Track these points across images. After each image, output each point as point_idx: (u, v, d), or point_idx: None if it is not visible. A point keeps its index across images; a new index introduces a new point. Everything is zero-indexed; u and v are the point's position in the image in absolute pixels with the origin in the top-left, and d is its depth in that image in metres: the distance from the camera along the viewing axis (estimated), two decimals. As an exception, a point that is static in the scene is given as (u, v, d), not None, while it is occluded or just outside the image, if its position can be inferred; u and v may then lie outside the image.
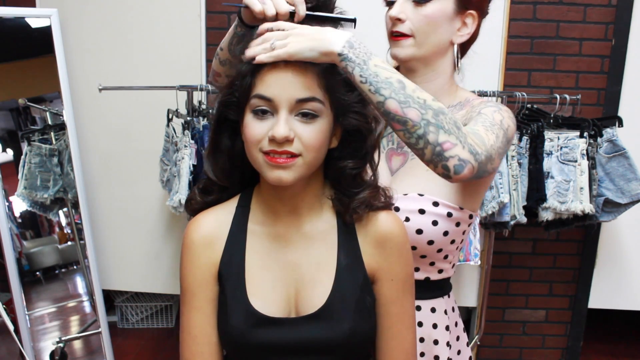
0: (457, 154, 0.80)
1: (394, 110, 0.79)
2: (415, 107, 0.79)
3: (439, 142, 0.80)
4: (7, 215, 2.18)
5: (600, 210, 2.02)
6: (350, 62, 0.77)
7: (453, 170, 0.81)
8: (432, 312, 1.05)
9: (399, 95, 0.79)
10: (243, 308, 0.81)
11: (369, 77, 0.78)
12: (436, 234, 0.97)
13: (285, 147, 0.74)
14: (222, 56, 1.02)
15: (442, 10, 0.97)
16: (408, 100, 0.79)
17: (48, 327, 2.38)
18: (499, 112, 0.96)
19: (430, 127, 0.79)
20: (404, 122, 0.80)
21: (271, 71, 0.75)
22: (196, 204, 0.89)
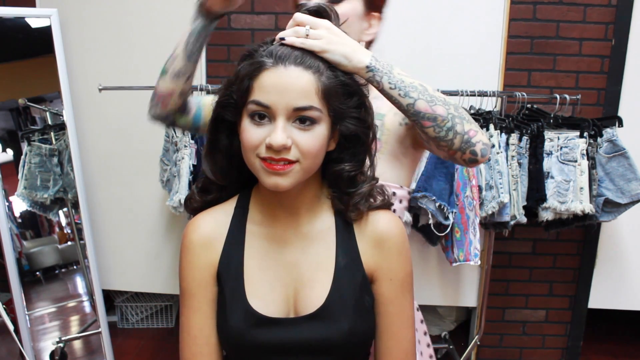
0: (481, 140, 0.91)
1: (424, 109, 0.87)
2: (440, 104, 0.88)
3: (465, 131, 0.89)
4: (7, 215, 2.18)
5: (600, 210, 2.02)
6: (378, 72, 0.85)
7: (480, 154, 0.91)
8: None
9: (425, 96, 0.87)
10: (242, 308, 0.81)
11: (397, 84, 0.86)
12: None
13: (283, 155, 0.74)
14: (176, 66, 1.00)
15: (354, 10, 1.05)
16: (433, 99, 0.88)
17: (48, 327, 2.38)
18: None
19: (456, 119, 0.89)
20: (434, 118, 0.88)
21: (270, 77, 0.74)
22: (195, 203, 0.89)
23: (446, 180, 1.88)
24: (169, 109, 1.05)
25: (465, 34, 2.24)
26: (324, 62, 0.78)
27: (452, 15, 2.25)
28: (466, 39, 2.24)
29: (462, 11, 2.25)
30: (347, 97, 0.79)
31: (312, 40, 0.78)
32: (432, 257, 2.40)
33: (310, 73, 0.75)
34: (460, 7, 2.25)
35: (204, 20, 0.93)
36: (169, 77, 1.01)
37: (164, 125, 1.13)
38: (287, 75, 0.74)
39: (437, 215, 1.86)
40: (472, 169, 1.93)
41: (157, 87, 1.04)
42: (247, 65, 0.77)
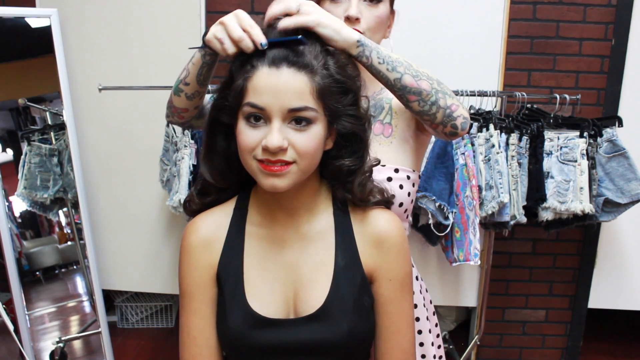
0: (462, 114, 0.96)
1: (409, 83, 0.91)
2: (424, 79, 0.92)
3: (447, 105, 0.94)
4: (7, 215, 2.18)
5: (600, 210, 2.02)
6: (367, 47, 0.88)
7: (460, 127, 0.96)
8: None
9: (411, 71, 0.91)
10: (242, 309, 0.81)
11: (385, 58, 0.90)
12: (404, 196, 1.09)
13: (279, 156, 0.74)
14: (189, 91, 1.01)
15: (386, 11, 1.10)
16: (418, 74, 0.92)
17: (48, 327, 2.38)
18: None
19: (439, 94, 0.93)
20: (419, 92, 0.92)
21: (263, 78, 0.74)
22: (194, 205, 0.89)
23: (446, 180, 1.88)
24: (185, 119, 1.09)
25: (465, 34, 2.24)
26: (317, 61, 0.76)
27: (452, 16, 2.25)
28: (466, 39, 2.24)
29: (462, 11, 2.25)
30: (342, 95, 0.79)
31: (304, 15, 0.79)
32: (432, 257, 2.40)
33: (304, 73, 0.74)
34: (460, 7, 2.24)
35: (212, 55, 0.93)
36: (184, 97, 1.03)
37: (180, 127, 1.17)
38: (281, 76, 0.73)
39: (437, 215, 1.86)
40: (472, 169, 1.93)
41: (172, 102, 1.05)
42: (241, 67, 0.76)
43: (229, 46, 0.79)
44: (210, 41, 0.82)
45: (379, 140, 1.10)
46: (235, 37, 0.78)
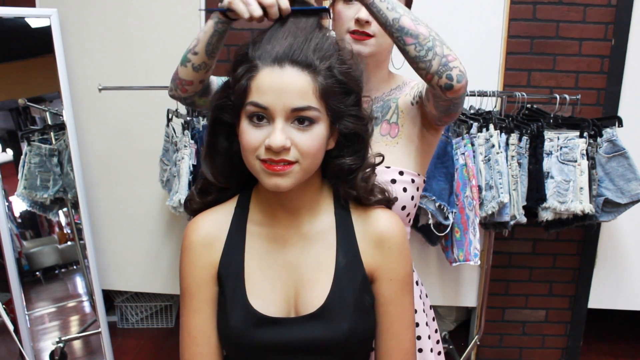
0: (458, 66, 0.92)
1: (408, 25, 0.90)
2: (423, 24, 0.92)
3: (444, 54, 0.91)
4: (7, 215, 2.18)
5: (600, 210, 2.02)
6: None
7: (456, 79, 0.92)
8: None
9: (410, 15, 0.91)
10: (243, 308, 0.81)
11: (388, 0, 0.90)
12: (407, 199, 1.09)
13: (282, 156, 0.74)
14: (197, 61, 1.01)
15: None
16: (417, 19, 0.91)
17: (48, 327, 2.38)
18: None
19: (436, 41, 0.91)
20: (417, 35, 0.90)
21: (266, 77, 0.74)
22: (195, 204, 0.89)
23: (446, 180, 1.88)
24: (188, 94, 1.08)
25: (465, 34, 2.24)
26: (321, 60, 0.76)
27: (452, 15, 2.25)
28: (466, 39, 2.24)
29: (462, 11, 2.25)
30: (344, 95, 0.79)
31: None
32: (432, 257, 2.40)
33: (307, 73, 0.74)
34: (460, 7, 2.25)
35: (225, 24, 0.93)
36: (190, 68, 1.02)
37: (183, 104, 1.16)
38: (284, 75, 0.74)
39: (437, 215, 1.86)
40: (472, 169, 1.93)
41: (178, 73, 1.05)
42: (244, 66, 0.76)
43: (256, 8, 0.81)
44: (233, 3, 0.83)
45: (385, 141, 1.11)
46: (267, 3, 0.80)
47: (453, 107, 1.00)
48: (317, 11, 0.83)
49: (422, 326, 1.15)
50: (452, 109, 1.01)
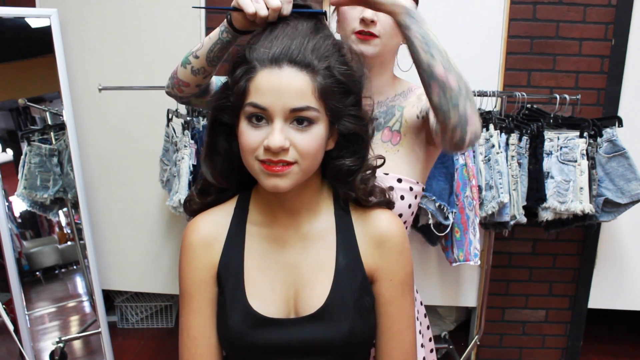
0: (476, 128, 0.90)
1: (438, 73, 0.87)
2: (454, 75, 0.87)
3: (467, 114, 0.88)
4: (7, 215, 2.18)
5: (600, 210, 2.02)
6: (413, 19, 0.86)
7: (468, 141, 0.90)
8: None
9: (444, 61, 0.87)
10: (242, 309, 0.81)
11: (425, 36, 0.86)
12: (404, 207, 1.07)
13: (281, 157, 0.74)
14: (196, 65, 1.01)
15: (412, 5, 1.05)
16: (450, 67, 0.87)
17: (48, 327, 2.38)
18: None
19: (461, 96, 0.87)
20: (444, 86, 0.87)
21: (265, 78, 0.74)
22: (195, 205, 0.89)
23: (446, 180, 1.88)
24: (184, 94, 1.08)
25: (465, 34, 2.24)
26: (319, 60, 0.76)
27: (452, 16, 2.25)
28: (466, 39, 2.24)
29: (462, 11, 2.25)
30: (343, 95, 0.79)
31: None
32: (432, 257, 2.40)
33: (306, 73, 0.74)
34: (460, 7, 2.25)
35: (232, 34, 0.93)
36: (189, 71, 1.02)
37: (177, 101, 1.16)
38: (283, 76, 0.73)
39: (437, 215, 1.86)
40: (472, 169, 1.93)
41: (177, 73, 1.05)
42: (242, 67, 0.76)
43: (263, 7, 0.81)
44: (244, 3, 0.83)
45: (386, 147, 1.09)
46: (274, 5, 0.80)
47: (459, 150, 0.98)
48: (314, 14, 0.83)
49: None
50: (458, 150, 0.99)
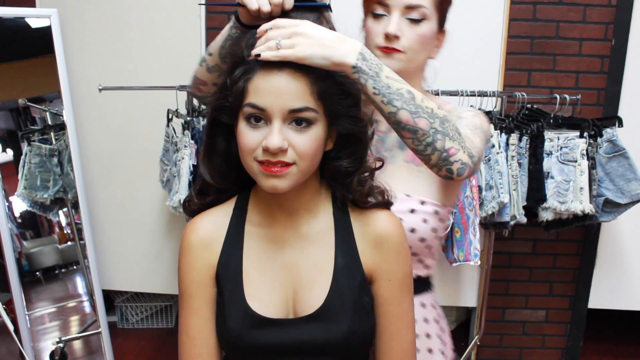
0: (460, 159, 0.89)
1: (405, 120, 0.85)
2: (425, 116, 0.85)
3: (445, 149, 0.87)
4: (7, 215, 2.18)
5: (600, 210, 2.02)
6: (363, 75, 0.81)
7: (457, 173, 0.90)
8: (422, 307, 1.09)
9: (410, 106, 0.84)
10: (241, 309, 0.81)
11: (381, 89, 0.83)
12: (426, 231, 1.03)
13: (280, 157, 0.74)
14: (210, 62, 1.01)
15: (431, 30, 1.04)
16: (418, 110, 0.85)
17: (48, 327, 2.38)
18: (477, 116, 1.04)
19: (438, 135, 0.86)
20: (415, 131, 0.86)
21: (264, 78, 0.74)
22: (194, 206, 0.89)
23: (446, 180, 1.88)
24: (203, 93, 1.08)
25: (465, 34, 2.24)
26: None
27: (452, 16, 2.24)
28: (466, 39, 2.24)
29: (462, 11, 2.23)
30: (342, 96, 0.79)
31: (285, 50, 0.73)
32: (432, 257, 2.39)
33: (305, 74, 0.75)
34: (460, 7, 2.24)
35: (240, 29, 0.93)
36: (205, 68, 1.03)
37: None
38: (282, 77, 0.74)
39: (437, 215, 1.85)
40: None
41: (196, 71, 1.06)
42: (241, 68, 0.76)
43: (265, 3, 0.81)
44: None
45: (409, 168, 1.06)
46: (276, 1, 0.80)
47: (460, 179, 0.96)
48: (317, 7, 0.83)
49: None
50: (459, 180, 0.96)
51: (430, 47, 1.06)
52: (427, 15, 1.02)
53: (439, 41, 1.09)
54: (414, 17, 1.01)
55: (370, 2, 1.04)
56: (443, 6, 1.05)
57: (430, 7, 1.02)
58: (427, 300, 1.10)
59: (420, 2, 1.01)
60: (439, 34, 1.08)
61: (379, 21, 1.03)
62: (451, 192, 1.08)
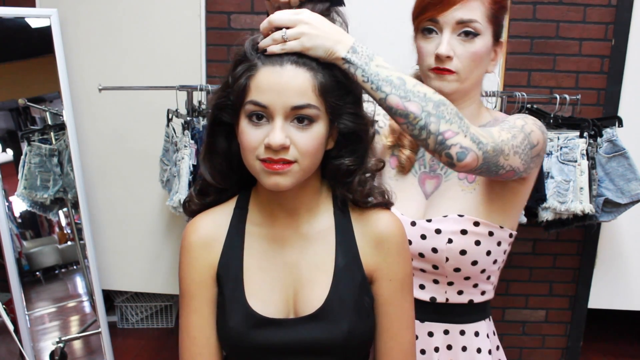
0: (459, 142, 0.83)
1: (395, 104, 0.82)
2: (416, 100, 0.82)
3: (440, 132, 0.83)
4: (7, 215, 2.18)
5: (600, 210, 2.02)
6: (352, 65, 0.80)
7: (456, 158, 0.83)
8: (476, 335, 1.05)
9: (399, 91, 0.82)
10: (242, 309, 0.81)
11: (370, 77, 0.81)
12: (479, 254, 0.98)
13: (282, 155, 0.74)
14: None
15: (485, 46, 0.98)
16: (408, 94, 0.82)
17: (48, 327, 2.38)
18: (523, 119, 0.97)
19: (431, 117, 0.82)
20: (406, 115, 0.83)
21: (266, 76, 0.74)
22: (194, 206, 0.89)
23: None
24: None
25: (465, 34, 2.24)
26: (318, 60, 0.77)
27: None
28: (466, 39, 2.24)
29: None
30: (343, 94, 0.79)
31: (291, 43, 0.75)
32: (432, 257, 2.39)
33: (307, 71, 0.75)
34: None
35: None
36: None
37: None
38: (284, 74, 0.74)
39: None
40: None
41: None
42: (243, 65, 0.76)
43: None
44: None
45: (462, 185, 1.01)
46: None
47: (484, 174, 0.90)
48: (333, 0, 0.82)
49: None
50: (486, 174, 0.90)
51: (484, 62, 1.01)
52: (480, 30, 0.96)
53: (495, 54, 1.03)
54: (467, 33, 0.96)
55: (421, 19, 0.99)
56: (497, 18, 0.99)
57: (483, 21, 0.96)
58: (482, 329, 1.06)
59: (472, 17, 0.95)
60: (495, 46, 1.02)
61: (429, 40, 0.99)
62: (511, 212, 1.00)
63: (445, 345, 1.04)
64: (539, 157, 0.97)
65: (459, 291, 1.02)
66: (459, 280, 1.01)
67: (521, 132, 0.93)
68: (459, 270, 0.99)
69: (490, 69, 1.04)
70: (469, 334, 1.04)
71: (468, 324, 1.05)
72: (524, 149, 0.91)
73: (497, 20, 0.99)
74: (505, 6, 1.01)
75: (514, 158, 0.89)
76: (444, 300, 1.03)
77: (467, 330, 1.04)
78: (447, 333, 1.04)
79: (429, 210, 1.02)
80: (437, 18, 0.96)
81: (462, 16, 0.95)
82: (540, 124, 0.99)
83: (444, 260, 0.99)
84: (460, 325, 1.04)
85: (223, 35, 2.35)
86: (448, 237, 0.97)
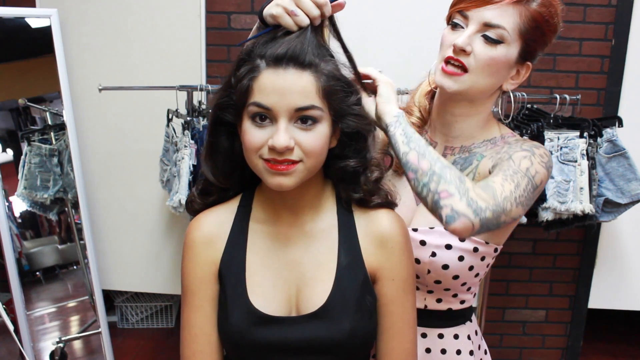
0: (451, 204, 0.81)
1: (412, 160, 0.86)
2: (429, 159, 0.85)
3: (437, 191, 0.83)
4: (7, 215, 2.18)
5: (600, 210, 2.02)
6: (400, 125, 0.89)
7: (444, 220, 0.82)
8: (455, 338, 1.05)
9: (420, 149, 0.86)
10: (243, 307, 0.81)
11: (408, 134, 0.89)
12: (462, 269, 0.97)
13: (286, 156, 0.74)
14: None
15: (507, 56, 0.94)
16: (425, 153, 0.86)
17: (48, 327, 2.37)
18: (530, 158, 0.93)
19: (434, 176, 0.83)
20: (416, 170, 0.85)
21: (269, 77, 0.74)
22: (197, 205, 0.89)
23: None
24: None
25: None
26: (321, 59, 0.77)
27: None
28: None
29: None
30: (346, 94, 0.80)
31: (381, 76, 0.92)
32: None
33: (310, 72, 0.75)
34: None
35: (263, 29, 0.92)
36: None
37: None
38: (287, 75, 0.74)
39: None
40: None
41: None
42: (246, 66, 0.76)
43: (304, 19, 0.77)
44: (279, 16, 0.77)
45: None
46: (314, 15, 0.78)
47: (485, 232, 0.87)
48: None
49: None
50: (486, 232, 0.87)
51: (501, 74, 0.96)
52: (505, 38, 0.92)
53: (517, 74, 0.98)
54: (491, 37, 0.92)
55: (454, 9, 0.97)
56: (528, 36, 0.94)
57: (511, 32, 0.91)
58: (462, 332, 1.05)
59: (501, 23, 0.91)
60: (519, 66, 0.97)
61: (454, 32, 0.96)
62: (500, 230, 0.95)
63: (423, 349, 1.03)
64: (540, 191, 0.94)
65: (437, 299, 1.02)
66: (439, 290, 1.01)
67: (525, 177, 0.89)
68: (440, 282, 1.00)
69: (507, 87, 1.00)
70: (448, 337, 1.04)
71: (447, 328, 1.04)
72: (527, 196, 0.89)
73: (528, 39, 0.94)
74: (545, 32, 0.97)
75: (516, 210, 0.87)
76: (423, 306, 1.03)
77: (445, 334, 1.04)
78: (425, 337, 1.03)
79: (417, 217, 1.02)
80: (467, 13, 0.93)
81: (491, 18, 0.91)
82: (547, 158, 0.95)
83: (425, 272, 0.99)
84: (439, 329, 1.04)
85: (223, 36, 2.35)
86: (432, 250, 0.97)
